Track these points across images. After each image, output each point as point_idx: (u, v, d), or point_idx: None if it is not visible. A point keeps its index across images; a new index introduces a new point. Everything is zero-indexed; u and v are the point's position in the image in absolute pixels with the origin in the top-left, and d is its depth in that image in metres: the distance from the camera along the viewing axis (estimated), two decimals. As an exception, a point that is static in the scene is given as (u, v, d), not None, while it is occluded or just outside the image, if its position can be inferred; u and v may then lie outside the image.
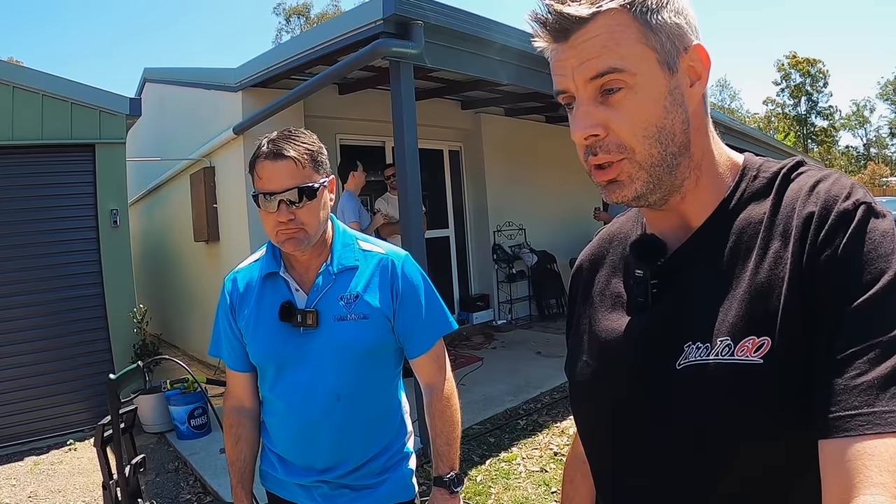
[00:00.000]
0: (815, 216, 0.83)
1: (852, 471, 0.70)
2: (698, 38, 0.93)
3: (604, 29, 0.88)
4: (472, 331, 9.51)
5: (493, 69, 5.79)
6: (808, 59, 57.21)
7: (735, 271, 0.89)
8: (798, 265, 0.82)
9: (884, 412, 0.71)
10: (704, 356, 0.87)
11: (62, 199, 6.73)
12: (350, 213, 6.50)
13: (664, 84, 0.90)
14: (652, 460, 0.93)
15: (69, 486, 5.16)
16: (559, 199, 11.25)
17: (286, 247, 1.86)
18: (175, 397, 6.00)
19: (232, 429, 2.03)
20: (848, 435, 0.72)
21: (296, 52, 6.11)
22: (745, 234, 0.91)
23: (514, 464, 4.83)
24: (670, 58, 0.90)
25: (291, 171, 1.80)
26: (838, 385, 0.74)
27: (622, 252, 1.12)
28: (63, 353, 6.56)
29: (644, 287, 0.99)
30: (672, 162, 0.92)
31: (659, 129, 0.90)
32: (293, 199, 1.80)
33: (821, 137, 58.31)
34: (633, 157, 0.91)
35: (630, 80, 0.88)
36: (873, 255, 0.78)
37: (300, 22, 57.11)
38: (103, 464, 2.67)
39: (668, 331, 0.93)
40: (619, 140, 0.90)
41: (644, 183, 0.92)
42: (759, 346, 0.82)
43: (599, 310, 1.09)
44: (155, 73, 10.82)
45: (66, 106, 6.71)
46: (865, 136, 63.70)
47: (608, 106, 0.90)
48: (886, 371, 0.72)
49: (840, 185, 0.86)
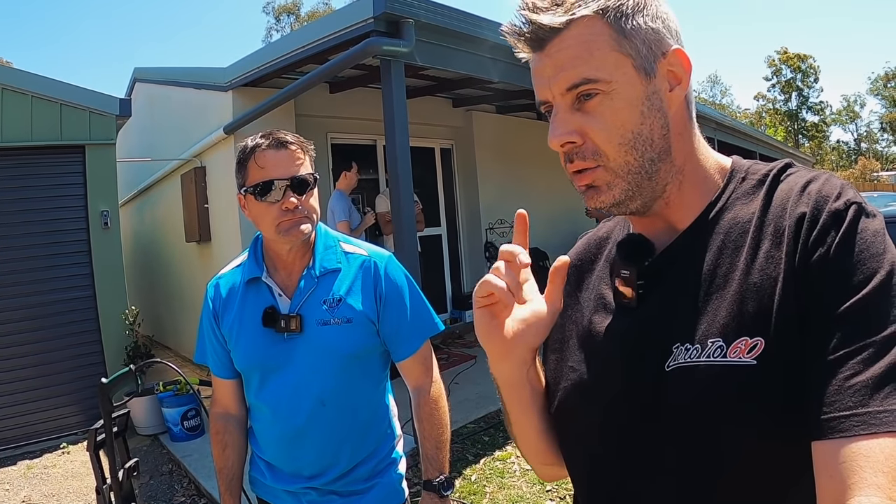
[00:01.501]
0: (807, 216, 0.83)
1: (847, 472, 0.70)
2: (679, 42, 0.93)
3: (577, 38, 0.88)
4: (465, 329, 9.49)
5: (485, 67, 5.78)
6: (798, 54, 57.46)
7: (724, 271, 0.89)
8: (791, 264, 0.82)
9: (878, 412, 0.70)
10: (694, 357, 0.86)
11: (52, 200, 6.69)
12: (340, 213, 6.49)
13: (640, 89, 0.89)
14: (645, 463, 0.92)
15: (63, 490, 5.13)
16: (551, 196, 11.24)
17: (292, 236, 1.83)
18: (168, 399, 5.98)
19: (219, 435, 2.01)
20: (843, 436, 0.71)
21: (286, 51, 6.09)
22: (733, 234, 0.90)
23: (508, 462, 4.82)
24: (647, 63, 0.89)
25: (294, 158, 1.82)
26: (832, 386, 0.74)
27: (608, 255, 1.11)
28: (55, 355, 6.53)
29: (631, 288, 0.98)
30: (651, 168, 0.92)
31: (635, 135, 0.90)
32: (301, 185, 1.81)
33: (811, 133, 58.60)
34: (608, 164, 0.91)
35: (605, 87, 0.88)
36: (865, 255, 0.78)
37: (290, 20, 56.96)
38: (97, 468, 2.66)
39: (656, 332, 0.92)
40: (594, 147, 0.90)
41: (622, 190, 0.92)
42: (752, 346, 0.81)
43: (585, 314, 1.08)
44: (145, 73, 10.76)
45: (56, 107, 6.68)
46: (856, 132, 64.03)
47: (585, 113, 0.90)
48: (880, 371, 0.72)
49: (831, 185, 0.86)
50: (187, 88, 8.55)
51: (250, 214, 1.87)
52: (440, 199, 10.11)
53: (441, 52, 5.37)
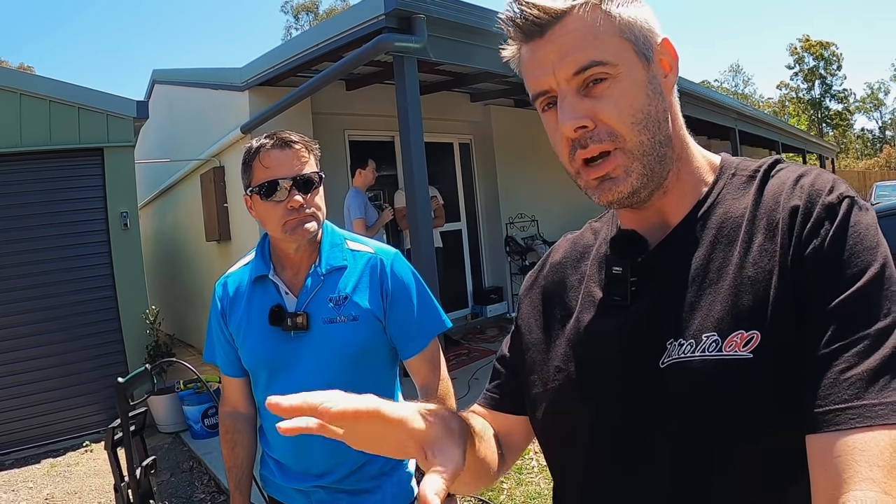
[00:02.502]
0: (801, 209, 0.83)
1: (842, 466, 0.69)
2: (662, 30, 0.96)
3: (581, 22, 0.88)
4: (487, 324, 9.48)
5: (499, 61, 5.71)
6: (821, 42, 56.59)
7: (717, 266, 0.88)
8: (786, 257, 0.82)
9: (873, 405, 0.70)
10: (689, 353, 0.85)
11: (72, 203, 6.79)
12: (355, 210, 6.50)
13: (644, 73, 0.90)
14: (639, 461, 0.90)
15: (85, 488, 5.20)
16: (571, 189, 10.93)
17: (298, 235, 1.83)
18: (188, 397, 6.04)
19: (228, 434, 2.02)
20: (838, 429, 0.71)
21: (300, 50, 6.10)
22: (725, 229, 0.90)
23: (526, 458, 4.80)
24: (645, 49, 0.91)
25: (299, 158, 1.82)
26: (826, 379, 0.74)
27: (597, 254, 1.09)
28: (77, 355, 6.62)
29: (623, 285, 0.97)
30: (661, 151, 0.91)
31: (646, 116, 0.89)
32: (306, 183, 1.81)
33: (835, 121, 57.78)
34: (625, 145, 0.89)
35: (613, 70, 0.88)
36: (859, 248, 0.78)
37: (309, 18, 57.08)
38: (114, 466, 2.69)
39: (649, 329, 0.91)
40: (609, 129, 0.89)
41: (639, 175, 0.91)
42: (747, 339, 0.81)
43: (572, 313, 1.06)
44: (163, 75, 10.87)
45: (74, 111, 6.76)
46: (881, 119, 63.09)
47: (593, 97, 0.89)
48: (875, 363, 0.72)
49: (823, 179, 0.86)
50: (205, 89, 8.60)
51: (257, 214, 1.87)
52: (460, 194, 10.06)
53: (454, 46, 5.34)
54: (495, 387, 1.20)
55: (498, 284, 10.23)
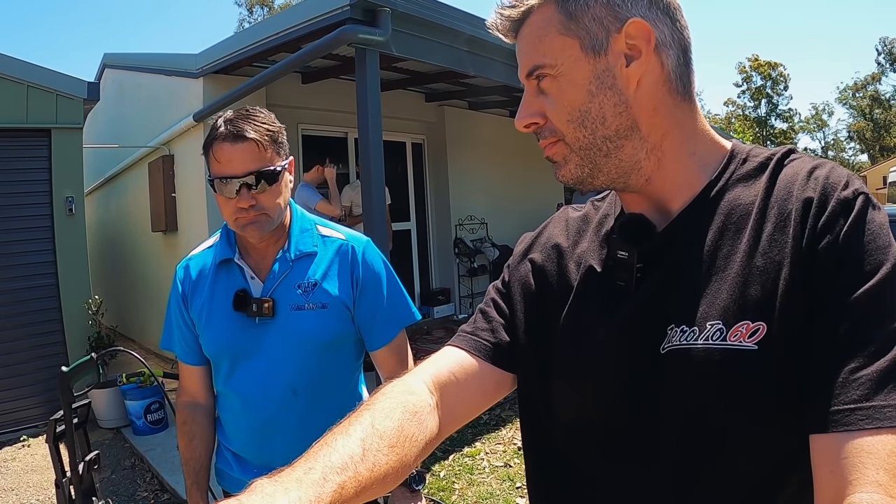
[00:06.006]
0: (815, 201, 0.82)
1: (848, 467, 0.69)
2: (643, 10, 0.89)
3: (533, 26, 0.93)
4: (433, 325, 9.47)
5: (461, 59, 5.75)
6: (769, 62, 58.09)
7: (725, 253, 0.87)
8: (798, 249, 0.81)
9: (882, 406, 0.70)
10: (691, 340, 0.84)
11: (16, 185, 6.52)
12: (312, 198, 6.41)
13: (587, 70, 0.90)
14: (639, 449, 0.90)
15: (22, 484, 5.01)
16: (522, 193, 11.26)
17: (247, 233, 1.77)
18: (131, 391, 5.85)
19: (185, 426, 1.93)
20: (846, 429, 0.71)
21: (259, 38, 6.00)
22: (734, 216, 0.89)
23: (477, 459, 4.79)
24: (596, 41, 0.89)
25: (252, 153, 1.70)
26: (835, 378, 0.73)
27: (597, 231, 1.07)
28: (15, 345, 6.36)
29: (628, 270, 0.95)
30: (606, 146, 0.92)
31: (583, 113, 0.91)
32: (254, 184, 1.70)
33: (780, 139, 59.28)
34: (565, 139, 0.94)
35: (553, 71, 0.92)
36: (872, 247, 0.78)
37: (263, 12, 56.49)
38: (56, 461, 2.58)
39: (652, 314, 0.90)
40: (552, 126, 0.95)
41: (577, 165, 0.95)
42: (753, 331, 0.80)
43: (573, 297, 1.03)
44: (115, 59, 10.56)
45: (22, 89, 6.49)
46: (824, 139, 64.83)
47: (544, 95, 0.94)
48: (885, 365, 0.72)
49: (837, 173, 0.86)
50: (157, 75, 8.40)
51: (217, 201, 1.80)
52: (410, 194, 10.05)
53: (417, 42, 5.31)
54: (490, 336, 1.11)
55: (446, 286, 10.26)
